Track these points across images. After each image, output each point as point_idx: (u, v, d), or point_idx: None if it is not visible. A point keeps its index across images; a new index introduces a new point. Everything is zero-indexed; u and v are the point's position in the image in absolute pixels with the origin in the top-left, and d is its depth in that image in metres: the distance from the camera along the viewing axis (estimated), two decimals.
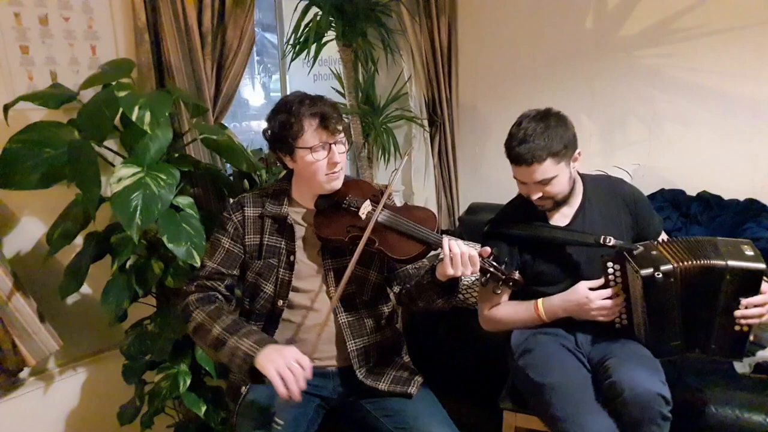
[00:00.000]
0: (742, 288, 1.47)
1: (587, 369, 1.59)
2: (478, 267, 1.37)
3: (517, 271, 1.40)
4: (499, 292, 1.43)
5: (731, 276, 1.47)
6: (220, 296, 1.52)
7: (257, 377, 1.32)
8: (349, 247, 1.49)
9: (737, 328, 1.49)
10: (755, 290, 1.47)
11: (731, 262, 1.47)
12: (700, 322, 1.52)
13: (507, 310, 1.72)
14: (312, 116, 1.44)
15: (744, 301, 1.47)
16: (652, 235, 1.70)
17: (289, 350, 1.33)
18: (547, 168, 1.56)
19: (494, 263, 1.40)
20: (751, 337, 1.52)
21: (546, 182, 1.59)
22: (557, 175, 1.59)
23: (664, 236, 1.71)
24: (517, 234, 1.71)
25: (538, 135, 1.55)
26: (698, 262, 1.50)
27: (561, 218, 1.72)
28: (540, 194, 1.61)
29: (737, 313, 1.47)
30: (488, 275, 1.41)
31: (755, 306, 1.46)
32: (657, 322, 1.54)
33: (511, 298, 1.75)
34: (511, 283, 1.40)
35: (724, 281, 1.47)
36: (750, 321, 1.48)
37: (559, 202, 1.66)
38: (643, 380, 1.42)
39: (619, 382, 1.43)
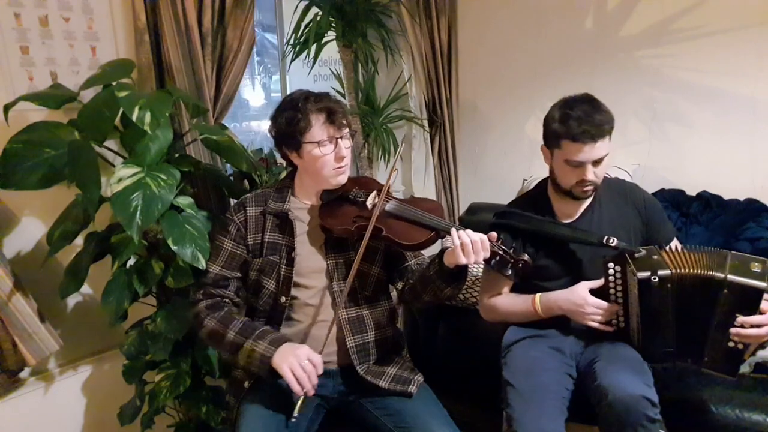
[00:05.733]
0: (739, 304, 1.44)
1: (571, 375, 1.59)
2: (489, 252, 1.37)
3: (526, 254, 1.39)
4: (509, 273, 1.40)
5: (729, 290, 1.44)
6: (228, 301, 1.56)
7: (275, 375, 1.41)
8: (355, 237, 1.49)
9: (731, 344, 1.47)
10: (753, 309, 1.43)
11: (731, 277, 1.43)
12: (695, 332, 1.51)
13: (505, 300, 1.73)
14: (318, 111, 1.47)
15: (740, 319, 1.44)
16: (662, 242, 1.67)
17: (301, 349, 1.41)
18: (606, 144, 1.58)
19: (503, 247, 1.40)
20: (746, 356, 1.49)
21: (601, 161, 1.59)
22: (608, 154, 1.60)
23: (675, 244, 1.68)
24: (521, 227, 1.71)
25: (596, 112, 1.56)
26: (696, 271, 1.48)
27: (569, 214, 1.72)
28: (593, 175, 1.59)
29: (732, 330, 1.45)
30: (497, 258, 1.39)
31: (752, 326, 1.43)
32: (650, 326, 1.53)
33: (512, 291, 1.76)
34: (520, 265, 1.38)
35: (722, 295, 1.44)
36: (745, 340, 1.45)
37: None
38: (627, 383, 1.41)
39: (603, 386, 1.43)
